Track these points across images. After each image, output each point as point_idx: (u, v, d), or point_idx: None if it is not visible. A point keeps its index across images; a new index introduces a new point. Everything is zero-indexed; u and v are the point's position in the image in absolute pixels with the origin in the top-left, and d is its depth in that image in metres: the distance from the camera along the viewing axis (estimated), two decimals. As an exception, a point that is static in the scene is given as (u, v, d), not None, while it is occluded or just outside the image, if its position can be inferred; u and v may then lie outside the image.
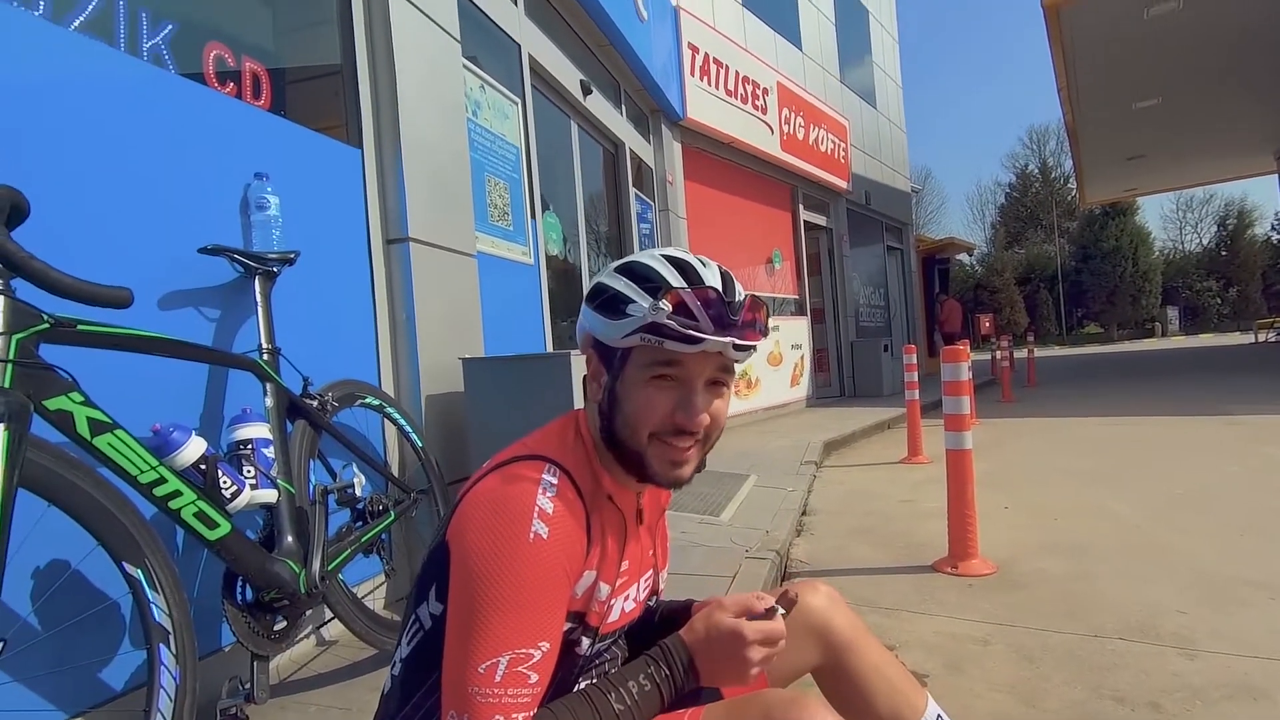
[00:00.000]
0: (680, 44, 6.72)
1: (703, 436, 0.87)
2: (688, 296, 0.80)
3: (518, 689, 0.74)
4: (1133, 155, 16.66)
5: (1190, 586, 2.38)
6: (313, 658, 2.05)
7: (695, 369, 0.84)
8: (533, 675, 0.75)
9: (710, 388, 0.87)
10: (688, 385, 0.84)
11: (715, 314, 0.81)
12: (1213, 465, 4.25)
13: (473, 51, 3.35)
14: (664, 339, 0.81)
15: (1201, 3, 9.13)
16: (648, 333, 0.81)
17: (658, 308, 0.79)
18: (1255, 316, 30.62)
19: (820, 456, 5.33)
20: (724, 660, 0.86)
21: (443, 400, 2.70)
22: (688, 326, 0.80)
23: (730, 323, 0.82)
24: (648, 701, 0.83)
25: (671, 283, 0.82)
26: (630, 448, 0.86)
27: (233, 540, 1.43)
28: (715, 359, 0.85)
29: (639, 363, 0.84)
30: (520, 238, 3.64)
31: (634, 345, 0.84)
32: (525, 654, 0.75)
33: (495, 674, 0.73)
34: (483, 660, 0.74)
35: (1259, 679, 1.75)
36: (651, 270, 0.85)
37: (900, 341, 12.20)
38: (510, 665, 0.74)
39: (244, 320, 1.93)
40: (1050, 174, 46.49)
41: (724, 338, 0.81)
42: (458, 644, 0.77)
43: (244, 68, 2.09)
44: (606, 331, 0.86)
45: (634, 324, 0.82)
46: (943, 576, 2.65)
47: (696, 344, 0.81)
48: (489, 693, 0.73)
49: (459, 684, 0.75)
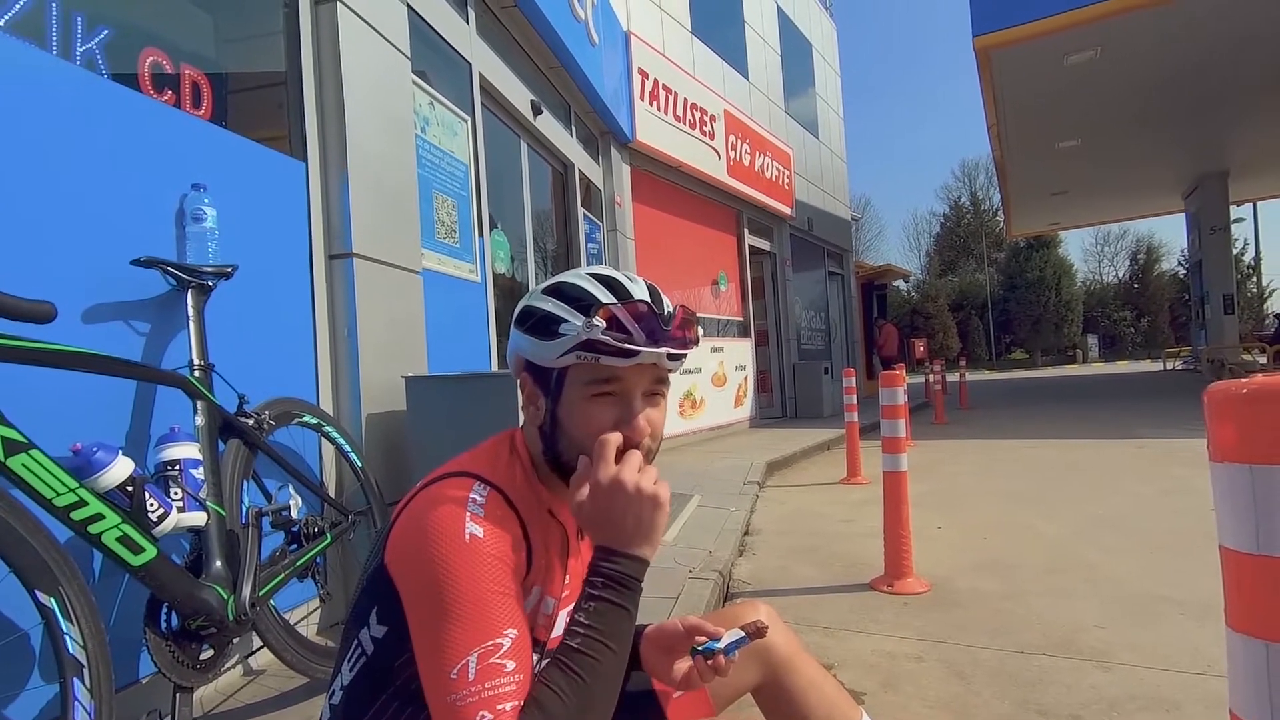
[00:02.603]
0: (631, 69, 6.82)
1: (646, 449, 0.89)
2: (619, 311, 0.82)
3: (496, 680, 0.72)
4: (1056, 191, 17.67)
5: (1110, 603, 2.50)
6: (239, 688, 1.95)
7: (633, 382, 0.86)
8: (509, 663, 0.73)
9: (648, 399, 0.88)
10: (627, 399, 0.86)
11: (648, 327, 0.83)
12: (1128, 486, 4.50)
13: (422, 68, 3.33)
14: (600, 355, 0.83)
15: (1117, 54, 9.81)
16: (583, 350, 0.83)
17: (591, 325, 0.81)
18: (1164, 345, 32.64)
19: (763, 477, 5.40)
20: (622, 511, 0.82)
21: (384, 419, 2.64)
22: (623, 341, 0.82)
23: (663, 334, 0.84)
24: (602, 619, 0.79)
25: (602, 300, 0.84)
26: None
27: (158, 565, 1.37)
28: (650, 371, 0.87)
29: (577, 381, 0.85)
30: (468, 255, 3.61)
31: (570, 364, 0.85)
32: (494, 645, 0.73)
33: (468, 674, 0.72)
34: (452, 667, 0.72)
35: (1170, 690, 1.85)
36: (580, 289, 0.86)
37: (840, 364, 12.53)
38: (480, 660, 0.72)
39: (176, 335, 1.85)
40: (980, 206, 48.74)
41: (658, 349, 0.83)
42: (426, 663, 0.75)
43: (183, 75, 2.03)
44: (540, 353, 0.87)
45: (569, 343, 0.83)
46: (879, 595, 2.71)
47: (633, 357, 0.83)
48: (466, 694, 0.71)
49: (439, 700, 0.73)
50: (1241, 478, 0.64)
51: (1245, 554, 0.64)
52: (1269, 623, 0.63)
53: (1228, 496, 0.66)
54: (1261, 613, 0.64)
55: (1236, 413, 0.65)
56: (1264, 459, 0.62)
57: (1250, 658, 0.64)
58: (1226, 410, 0.66)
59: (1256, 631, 0.64)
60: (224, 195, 2.00)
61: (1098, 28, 8.91)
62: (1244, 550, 0.65)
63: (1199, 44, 9.84)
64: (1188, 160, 16.07)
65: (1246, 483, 0.64)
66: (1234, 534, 0.66)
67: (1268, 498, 0.62)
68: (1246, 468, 0.63)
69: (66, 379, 1.35)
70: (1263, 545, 0.63)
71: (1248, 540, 0.64)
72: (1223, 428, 0.66)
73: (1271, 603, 0.63)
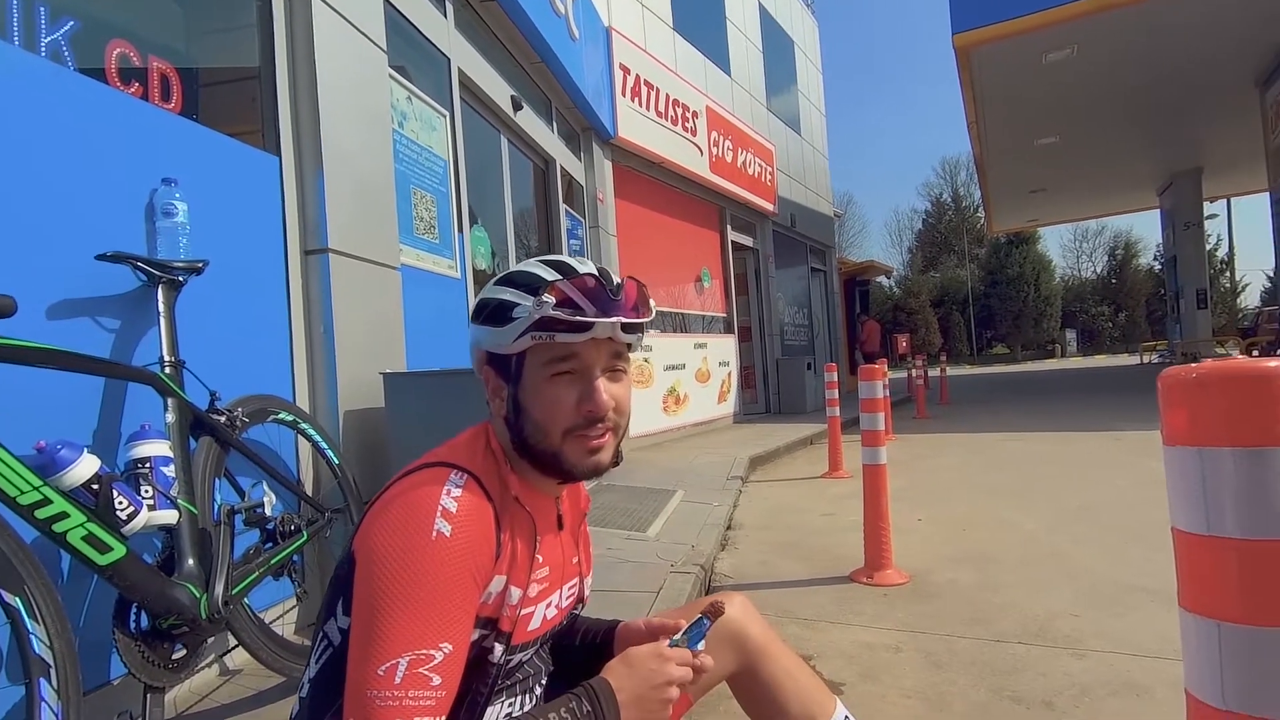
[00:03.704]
0: (612, 64, 6.81)
1: (613, 424, 0.89)
2: (567, 287, 0.83)
3: (419, 691, 0.72)
4: (1035, 188, 17.89)
5: (1084, 592, 2.54)
6: (214, 688, 1.93)
7: (590, 358, 0.87)
8: (435, 678, 0.73)
9: (609, 375, 0.89)
10: (586, 375, 0.87)
11: (597, 298, 0.84)
12: (1104, 479, 4.56)
13: (400, 62, 3.30)
14: (554, 332, 0.83)
15: (1093, 52, 9.93)
16: (537, 330, 0.84)
17: (542, 303, 0.82)
18: (1141, 339, 33.18)
19: (746, 472, 5.43)
20: (644, 683, 0.86)
21: (362, 416, 2.62)
22: (574, 314, 0.83)
23: (613, 305, 0.85)
24: None
25: (549, 279, 0.85)
26: (545, 450, 0.87)
27: (127, 565, 1.35)
28: (607, 345, 0.88)
29: (535, 363, 0.86)
30: (447, 251, 3.59)
31: (527, 347, 0.86)
32: (426, 655, 0.73)
33: (395, 676, 0.71)
34: (382, 662, 0.72)
35: (1140, 676, 1.88)
36: (529, 274, 0.87)
37: (823, 360, 12.60)
38: (410, 666, 0.72)
39: (146, 332, 1.82)
40: (962, 203, 49.24)
41: (610, 318, 0.84)
42: (358, 649, 0.75)
43: (151, 68, 1.99)
44: (497, 340, 0.87)
45: (522, 324, 0.84)
46: (860, 587, 2.74)
47: (586, 330, 0.84)
48: (388, 695, 0.71)
49: (358, 689, 0.72)
50: (1191, 461, 0.65)
51: (1195, 535, 0.66)
52: (1219, 602, 0.65)
53: (1179, 479, 0.67)
54: (1211, 593, 0.65)
55: (1187, 398, 0.67)
56: (1212, 442, 0.64)
57: (1202, 637, 0.65)
58: (1177, 396, 0.68)
59: (1207, 611, 0.65)
60: (196, 190, 1.97)
61: (1074, 26, 9.01)
62: (1194, 531, 0.66)
63: (1173, 43, 9.99)
64: (1162, 157, 16.32)
65: (1196, 465, 0.65)
66: (1185, 516, 0.67)
67: (1216, 480, 0.64)
68: (1195, 450, 0.65)
69: (32, 376, 1.33)
70: (1212, 526, 0.64)
71: (1198, 522, 0.65)
72: (1174, 413, 0.68)
73: (1220, 583, 0.65)
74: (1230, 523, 0.63)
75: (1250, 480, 0.62)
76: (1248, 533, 0.62)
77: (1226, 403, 0.63)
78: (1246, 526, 0.63)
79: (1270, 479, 0.61)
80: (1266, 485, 0.62)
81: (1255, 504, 0.62)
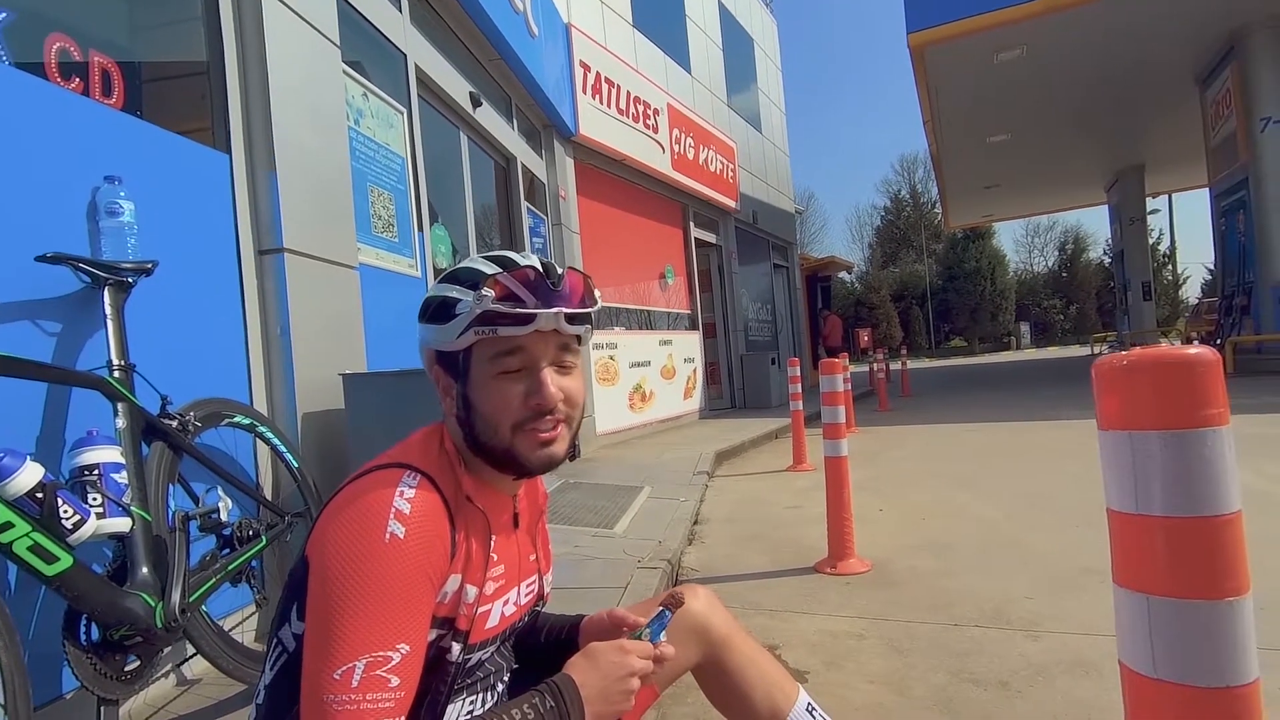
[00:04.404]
0: (572, 61, 6.78)
1: (564, 415, 0.89)
2: (507, 279, 0.83)
3: (377, 694, 0.72)
4: (989, 184, 18.36)
5: (1038, 576, 2.62)
6: (172, 699, 1.89)
7: (536, 352, 0.86)
8: (393, 679, 0.73)
9: (558, 369, 0.89)
10: (533, 368, 0.87)
11: (537, 289, 0.84)
12: (1056, 466, 4.71)
13: (355, 58, 3.24)
14: (497, 326, 0.83)
15: (1042, 53, 10.23)
16: (480, 324, 0.83)
17: (481, 296, 0.82)
18: (1092, 331, 34.33)
19: (712, 467, 5.47)
20: (607, 677, 0.87)
21: (321, 418, 2.57)
22: (515, 306, 0.83)
23: (555, 295, 0.85)
24: None
25: (488, 273, 0.85)
26: (496, 446, 0.87)
27: (75, 575, 1.31)
28: (553, 338, 0.87)
29: (482, 359, 0.86)
30: (406, 250, 3.54)
31: (471, 343, 0.86)
32: (383, 657, 0.73)
33: (352, 679, 0.71)
34: (338, 666, 0.71)
35: (1090, 654, 1.95)
36: (471, 270, 0.87)
37: (787, 355, 12.76)
38: (368, 669, 0.72)
39: (92, 335, 1.77)
40: (920, 199, 50.22)
41: (551, 309, 0.84)
42: (313, 652, 0.74)
43: (92, 62, 1.93)
44: (441, 337, 0.87)
45: (464, 320, 0.84)
46: (823, 577, 2.79)
47: (528, 323, 0.83)
48: (345, 699, 0.70)
49: (315, 694, 0.72)
50: (1122, 444, 0.69)
51: (1126, 514, 0.69)
52: (1147, 577, 0.68)
53: (1111, 462, 0.71)
54: (1141, 568, 0.69)
55: (1117, 384, 0.70)
56: (1140, 426, 0.67)
57: (1133, 610, 0.69)
58: (1109, 383, 0.71)
59: (1137, 585, 0.69)
60: (143, 189, 1.91)
61: (1024, 27, 9.28)
62: (1125, 511, 0.69)
63: (1118, 44, 10.35)
64: (1108, 154, 16.91)
65: (1126, 448, 0.68)
66: (1117, 496, 0.71)
67: (1144, 462, 0.67)
68: (1126, 434, 0.68)
69: (-31, 382, 1.28)
70: (1141, 506, 0.68)
71: (1128, 501, 0.69)
72: (1106, 399, 0.71)
73: (1149, 559, 0.68)
74: (1157, 502, 0.67)
75: (1176, 462, 0.66)
76: (1173, 511, 0.66)
77: (1153, 389, 0.67)
78: (1172, 505, 0.66)
79: (1193, 460, 0.65)
80: (1190, 466, 0.65)
81: (1180, 484, 0.66)
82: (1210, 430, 0.65)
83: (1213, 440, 0.65)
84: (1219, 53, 10.86)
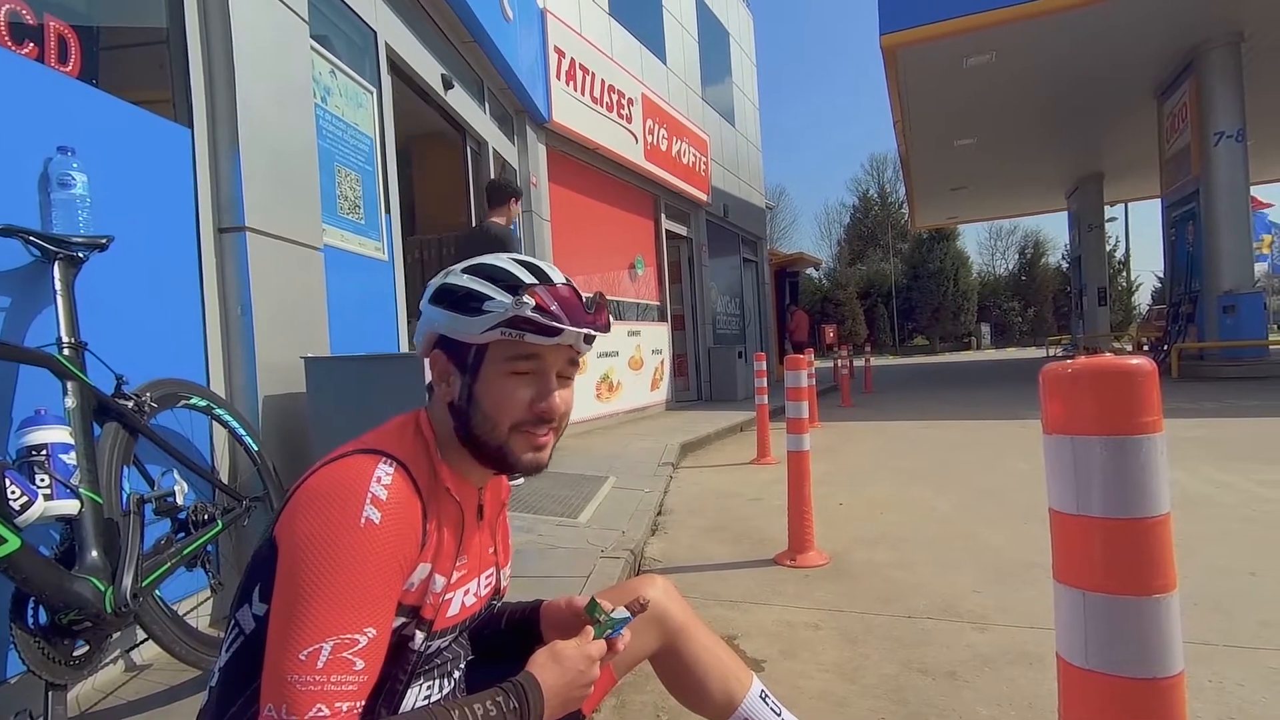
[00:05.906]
0: (547, 47, 6.71)
1: (557, 425, 0.93)
2: (547, 292, 0.86)
3: (342, 675, 0.72)
4: (955, 186, 18.72)
5: (987, 569, 2.71)
6: (122, 684, 1.85)
7: (550, 361, 0.90)
8: (359, 662, 0.73)
9: (561, 380, 0.92)
10: (544, 376, 0.89)
11: (571, 309, 0.87)
12: (1010, 463, 4.86)
13: (323, 32, 3.17)
14: (525, 332, 0.86)
15: (1011, 59, 10.45)
16: (509, 326, 0.85)
17: (522, 302, 0.84)
18: (1048, 334, 35.34)
19: (677, 458, 5.51)
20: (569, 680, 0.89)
21: (282, 401, 2.53)
22: (549, 319, 0.85)
23: (584, 315, 0.89)
24: None
25: (527, 281, 0.87)
26: (490, 441, 0.89)
27: (21, 557, 1.28)
28: (566, 352, 0.91)
29: (497, 358, 0.88)
30: (373, 232, 3.49)
31: (492, 340, 0.87)
32: (350, 639, 0.73)
33: (318, 660, 0.71)
34: (305, 647, 0.71)
35: (1034, 646, 2.03)
36: (505, 271, 0.89)
37: (754, 349, 12.87)
38: (335, 651, 0.72)
39: (41, 311, 1.71)
40: (888, 199, 50.92)
41: (579, 329, 0.88)
42: (279, 633, 0.74)
43: (47, 27, 1.86)
44: (459, 327, 0.88)
45: (496, 318, 0.85)
46: (783, 569, 2.84)
47: (555, 336, 0.87)
48: (309, 680, 0.71)
49: (278, 673, 0.72)
50: (1065, 447, 0.72)
51: (1067, 514, 0.73)
52: (1084, 574, 0.72)
53: (1055, 463, 0.75)
54: (1079, 565, 0.73)
55: (1061, 390, 0.74)
56: (1082, 430, 0.71)
57: (1069, 605, 0.73)
58: (1054, 388, 0.75)
59: (1075, 581, 0.73)
60: (98, 161, 1.85)
61: (993, 33, 9.46)
62: (1066, 511, 0.73)
63: (1082, 54, 10.61)
64: (1069, 162, 17.37)
65: (1069, 451, 0.72)
66: (1059, 497, 0.74)
67: (1085, 465, 0.71)
68: (1069, 439, 0.72)
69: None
70: (1080, 507, 0.71)
71: (1069, 502, 0.73)
72: (1052, 404, 0.75)
73: (1087, 556, 0.72)
74: (1096, 503, 0.71)
75: (1114, 465, 0.70)
76: (1110, 512, 0.70)
77: (1095, 396, 0.70)
78: (1109, 506, 0.70)
79: (1130, 465, 0.69)
80: (1126, 470, 0.69)
81: (1117, 486, 0.70)
82: (1146, 437, 0.69)
83: (1148, 446, 0.69)
84: (1178, 67, 11.21)
